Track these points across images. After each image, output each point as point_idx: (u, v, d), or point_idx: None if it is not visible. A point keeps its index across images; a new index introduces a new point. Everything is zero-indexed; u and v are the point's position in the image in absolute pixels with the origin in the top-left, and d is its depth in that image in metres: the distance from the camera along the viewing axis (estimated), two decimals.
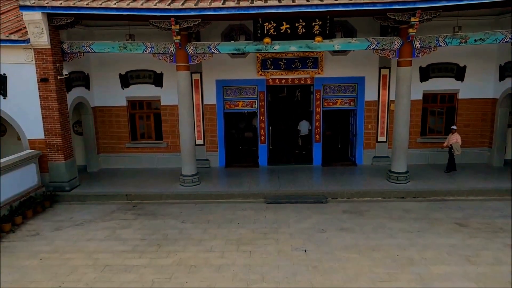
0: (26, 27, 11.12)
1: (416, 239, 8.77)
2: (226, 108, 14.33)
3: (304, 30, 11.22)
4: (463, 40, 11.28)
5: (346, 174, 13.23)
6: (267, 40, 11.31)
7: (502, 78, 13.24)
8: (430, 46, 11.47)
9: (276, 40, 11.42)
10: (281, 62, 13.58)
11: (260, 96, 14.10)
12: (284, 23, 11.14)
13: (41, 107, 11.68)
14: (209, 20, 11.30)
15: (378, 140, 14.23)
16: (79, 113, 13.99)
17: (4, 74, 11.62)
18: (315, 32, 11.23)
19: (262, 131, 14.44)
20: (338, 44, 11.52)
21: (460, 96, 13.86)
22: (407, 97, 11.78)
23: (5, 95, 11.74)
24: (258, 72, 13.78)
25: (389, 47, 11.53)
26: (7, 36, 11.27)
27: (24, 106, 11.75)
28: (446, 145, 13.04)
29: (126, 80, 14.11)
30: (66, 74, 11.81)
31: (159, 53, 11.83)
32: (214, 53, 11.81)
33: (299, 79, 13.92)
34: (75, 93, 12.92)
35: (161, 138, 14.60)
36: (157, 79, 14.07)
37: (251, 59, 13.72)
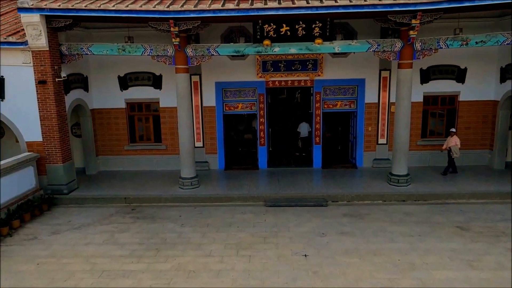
0: (24, 29, 11.04)
1: (417, 243, 8.68)
2: (226, 110, 14.25)
3: (304, 32, 11.15)
4: (464, 42, 11.20)
5: (346, 177, 13.15)
6: (266, 42, 11.24)
7: (503, 80, 13.17)
8: (431, 48, 11.40)
9: (276, 42, 11.34)
10: (281, 64, 13.50)
11: (259, 98, 14.02)
12: (284, 25, 11.07)
13: (39, 109, 11.59)
14: (208, 22, 11.23)
15: (379, 142, 14.15)
16: (77, 115, 13.90)
17: (2, 76, 11.54)
18: (315, 34, 11.16)
19: (262, 133, 14.36)
20: (338, 46, 11.45)
21: (461, 98, 13.79)
22: (407, 99, 11.70)
23: (2, 97, 11.65)
24: (257, 74, 13.70)
25: (390, 49, 11.46)
26: (5, 38, 11.18)
27: (22, 108, 11.66)
28: (445, 148, 12.97)
29: (125, 82, 14.03)
30: (64, 77, 11.72)
31: (158, 55, 11.75)
32: (213, 55, 11.74)
33: (299, 81, 13.84)
34: (74, 95, 12.84)
35: (160, 141, 14.52)
36: (156, 81, 13.99)
37: (251, 61, 13.65)
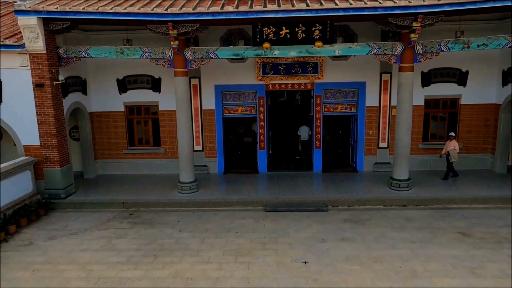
0: (22, 32, 10.94)
1: (419, 250, 8.54)
2: (225, 113, 14.13)
3: (304, 35, 11.04)
4: (466, 45, 11.09)
5: (347, 181, 13.01)
6: (266, 45, 11.13)
7: (505, 83, 13.05)
8: (432, 51, 11.28)
9: (276, 45, 11.23)
10: (280, 67, 13.39)
11: (259, 101, 13.90)
12: (284, 28, 10.96)
13: (36, 113, 11.49)
14: (207, 25, 11.13)
15: (379, 146, 14.01)
16: (76, 119, 13.80)
17: None
18: (315, 37, 11.05)
19: (262, 136, 14.23)
20: (338, 49, 11.33)
21: (463, 101, 13.66)
22: (409, 103, 11.58)
23: (0, 100, 11.54)
24: (257, 77, 13.58)
25: (391, 52, 11.35)
26: (2, 41, 11.08)
27: (19, 112, 11.56)
28: (444, 153, 12.79)
29: (124, 85, 13.92)
30: (62, 80, 11.62)
31: (156, 58, 11.64)
32: (212, 58, 11.62)
33: (299, 84, 13.72)
34: (72, 99, 12.72)
35: (159, 144, 14.39)
36: (155, 84, 13.87)
37: (251, 64, 13.53)
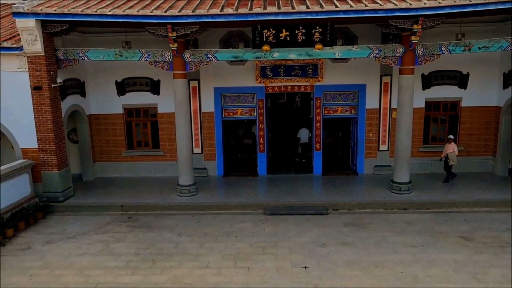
0: (20, 34, 10.86)
1: (420, 255, 8.44)
2: (225, 116, 14.05)
3: (304, 38, 10.97)
4: (467, 48, 11.02)
5: (347, 184, 12.93)
6: (266, 47, 11.06)
7: (506, 86, 12.98)
8: (433, 54, 11.21)
9: (276, 47, 11.16)
10: (280, 69, 13.32)
11: (259, 103, 13.82)
12: (284, 30, 10.89)
13: (34, 115, 11.40)
14: (206, 27, 11.06)
15: (380, 148, 13.94)
16: (74, 121, 13.71)
17: None
18: (315, 40, 10.98)
19: (261, 139, 14.15)
20: (338, 51, 11.26)
21: (463, 104, 13.59)
22: (409, 105, 11.50)
23: None
24: (257, 80, 13.51)
25: (391, 55, 11.27)
26: (0, 44, 10.99)
27: (17, 114, 11.47)
28: (444, 156, 12.71)
29: (123, 87, 13.84)
30: (60, 82, 11.54)
31: (155, 60, 11.57)
32: (212, 60, 11.55)
33: (299, 87, 13.65)
34: (70, 101, 12.64)
35: (158, 147, 14.31)
36: (154, 87, 13.80)
37: (250, 66, 13.46)
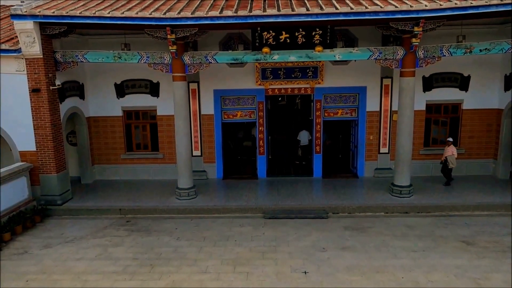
0: (18, 37, 10.79)
1: (421, 259, 8.35)
2: (224, 118, 13.97)
3: (304, 40, 10.90)
4: (468, 50, 10.94)
5: (347, 187, 12.83)
6: (266, 49, 10.99)
7: (507, 88, 12.89)
8: (434, 56, 11.13)
9: (275, 49, 11.09)
10: (280, 71, 13.24)
11: (259, 106, 13.74)
12: (284, 32, 10.82)
13: (32, 118, 11.33)
14: (206, 30, 11.00)
15: (380, 151, 13.84)
16: (73, 123, 13.64)
17: None
18: (316, 42, 10.91)
19: (261, 141, 14.07)
20: (339, 54, 11.18)
21: (465, 106, 13.50)
22: (410, 108, 11.42)
23: None
24: (257, 82, 13.43)
25: (392, 57, 11.19)
26: None
27: (15, 117, 11.40)
28: (443, 159, 12.63)
29: (122, 89, 13.77)
30: (59, 85, 11.45)
31: (154, 63, 11.49)
32: (211, 63, 11.47)
33: (299, 89, 13.57)
34: (69, 103, 12.56)
35: (157, 149, 14.22)
36: (153, 89, 13.72)
37: (250, 69, 13.38)
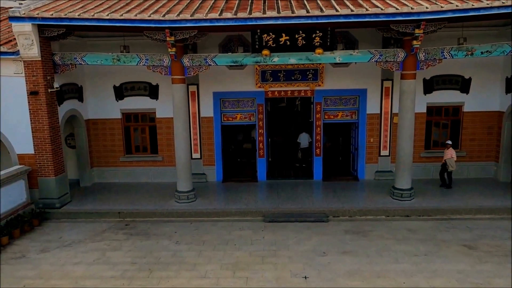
0: (16, 39, 10.73)
1: (423, 264, 8.26)
2: (224, 121, 13.89)
3: (304, 42, 10.83)
4: (469, 52, 10.87)
5: (348, 190, 12.74)
6: (265, 52, 10.91)
7: (508, 90, 12.81)
8: (435, 59, 11.05)
9: (275, 52, 11.01)
10: (280, 74, 13.16)
11: (258, 108, 13.66)
12: (284, 34, 10.75)
13: (31, 121, 11.26)
14: (205, 32, 10.93)
15: (381, 154, 13.76)
16: (71, 126, 13.55)
17: None
18: (316, 44, 10.83)
19: (261, 144, 13.98)
20: (339, 56, 11.11)
21: (466, 109, 13.42)
22: (411, 111, 11.34)
23: None
24: (256, 84, 13.36)
25: (393, 60, 11.12)
26: None
27: (13, 120, 11.33)
28: (443, 162, 12.56)
29: (121, 92, 13.69)
30: (57, 87, 11.37)
31: (153, 65, 11.42)
32: (210, 65, 11.40)
33: (299, 91, 13.50)
34: (68, 106, 12.49)
35: (156, 152, 14.13)
36: (152, 91, 13.65)
37: (250, 71, 13.31)
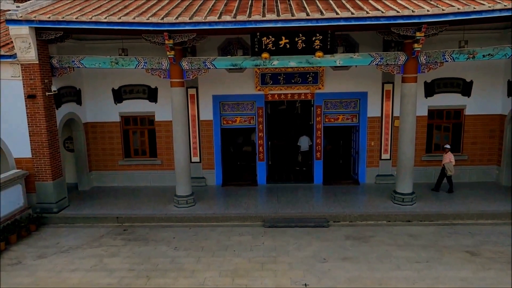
0: (13, 42, 10.62)
1: (425, 271, 8.13)
2: (223, 124, 13.78)
3: (304, 45, 10.72)
4: (471, 56, 10.75)
5: (349, 194, 12.61)
6: (265, 55, 10.81)
7: (510, 93, 12.70)
8: (436, 62, 10.95)
9: (275, 55, 10.91)
10: (280, 77, 13.06)
11: (258, 111, 13.55)
12: (283, 37, 10.64)
13: (28, 124, 11.15)
14: (204, 35, 10.81)
15: (382, 157, 13.64)
16: (70, 129, 13.44)
17: None
18: (316, 47, 10.73)
19: (261, 148, 13.87)
20: (339, 59, 11.00)
21: (467, 112, 13.31)
22: (412, 114, 11.22)
23: None
24: (256, 87, 13.25)
25: (393, 63, 11.01)
26: None
27: (11, 123, 11.24)
28: (443, 166, 12.45)
29: (119, 95, 13.59)
30: (55, 91, 11.27)
31: (152, 68, 11.32)
32: (210, 68, 11.30)
33: (299, 95, 13.39)
34: (66, 109, 12.38)
35: (155, 155, 14.02)
36: (151, 94, 13.54)
37: (249, 74, 13.20)
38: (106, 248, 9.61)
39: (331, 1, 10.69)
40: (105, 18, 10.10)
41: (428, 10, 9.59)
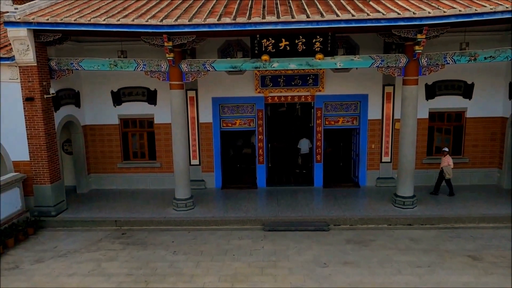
0: (11, 44, 10.55)
1: (427, 276, 8.04)
2: (223, 126, 13.70)
3: (304, 47, 10.64)
4: (473, 58, 10.68)
5: (349, 197, 12.52)
6: (265, 57, 10.73)
7: None
8: (437, 64, 10.87)
9: (275, 57, 10.82)
10: (280, 79, 12.98)
11: (258, 114, 13.46)
12: (283, 39, 10.57)
13: (26, 127, 11.07)
14: (204, 37, 10.75)
15: (382, 160, 13.54)
16: (68, 132, 13.36)
17: None
18: (316, 49, 10.65)
19: (261, 150, 13.78)
20: (340, 61, 10.91)
21: (468, 114, 13.22)
22: (413, 117, 11.14)
23: None
24: (256, 90, 13.17)
25: (394, 65, 10.94)
26: None
27: (9, 126, 11.15)
28: (441, 169, 12.37)
29: (118, 97, 13.51)
30: (53, 93, 11.19)
31: (151, 70, 11.24)
32: (209, 70, 11.22)
33: (299, 97, 13.31)
34: (64, 112, 12.30)
35: (154, 158, 13.93)
36: (150, 97, 13.46)
37: (249, 76, 13.13)
38: (104, 252, 9.52)
39: (331, 3, 10.64)
40: (104, 20, 10.02)
41: (429, 12, 9.52)
